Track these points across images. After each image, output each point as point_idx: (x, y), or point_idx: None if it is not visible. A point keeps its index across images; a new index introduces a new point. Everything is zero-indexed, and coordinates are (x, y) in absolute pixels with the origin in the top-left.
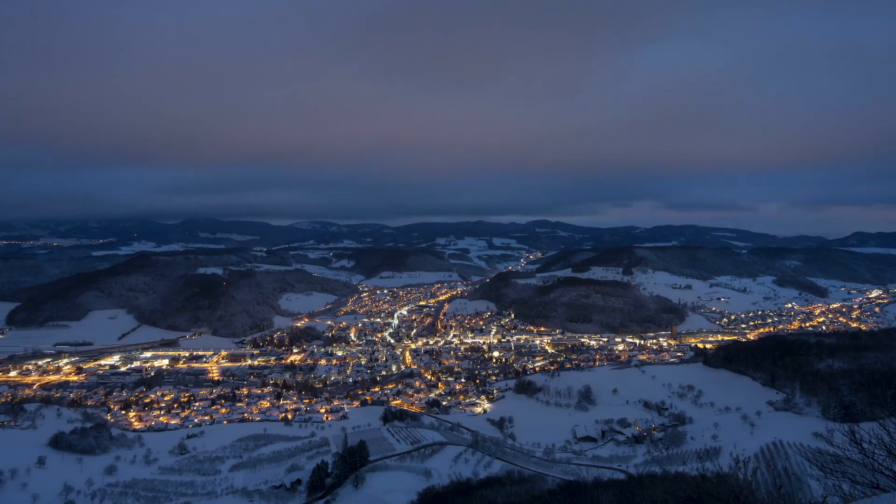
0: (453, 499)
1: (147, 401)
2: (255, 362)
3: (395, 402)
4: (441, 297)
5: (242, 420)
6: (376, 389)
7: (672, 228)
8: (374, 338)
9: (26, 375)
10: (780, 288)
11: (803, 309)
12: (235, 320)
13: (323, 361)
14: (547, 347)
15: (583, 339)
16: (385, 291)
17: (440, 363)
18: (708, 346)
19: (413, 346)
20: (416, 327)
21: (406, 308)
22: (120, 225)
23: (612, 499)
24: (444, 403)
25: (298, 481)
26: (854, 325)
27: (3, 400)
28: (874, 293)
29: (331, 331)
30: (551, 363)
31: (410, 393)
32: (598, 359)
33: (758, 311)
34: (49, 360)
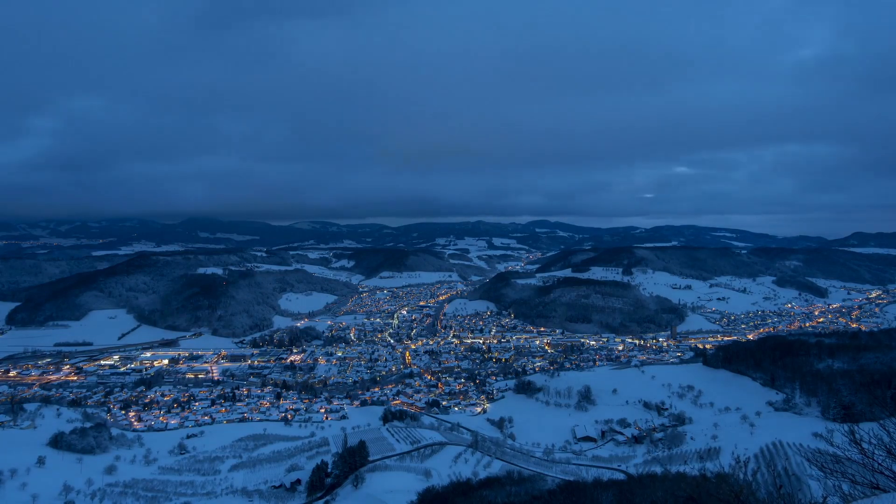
0: (453, 499)
1: (147, 401)
2: (255, 362)
3: (395, 402)
4: (441, 298)
5: (242, 420)
6: (376, 389)
7: (672, 228)
8: (374, 338)
9: (26, 375)
10: (779, 288)
11: (803, 309)
12: (235, 320)
13: (323, 361)
14: (547, 347)
15: (582, 340)
16: (385, 291)
17: (440, 363)
18: (708, 346)
19: (413, 347)
20: (416, 327)
21: (406, 308)
22: (120, 225)
23: (612, 499)
24: (443, 403)
25: (298, 481)
26: (854, 325)
27: (3, 400)
28: (874, 293)
29: (331, 331)
30: (551, 363)
31: (410, 393)
32: (597, 359)
33: (758, 311)
34: (49, 360)
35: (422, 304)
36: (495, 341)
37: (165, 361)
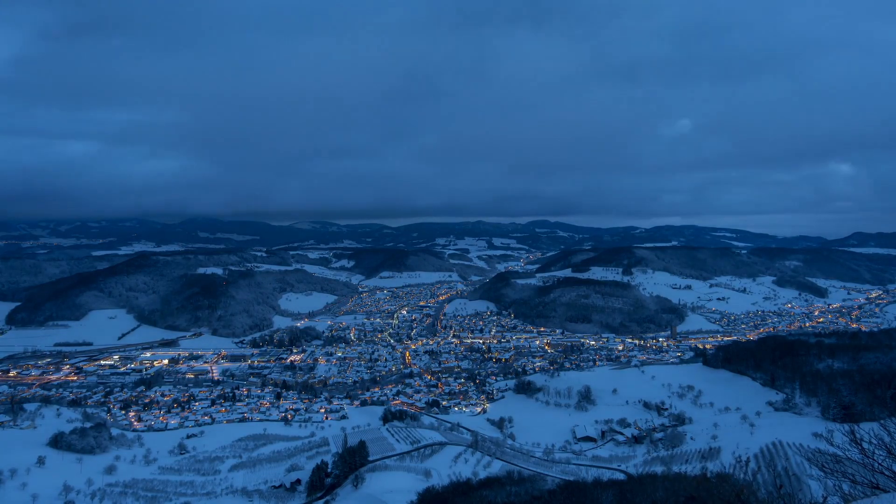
0: (453, 499)
1: (147, 401)
2: (255, 362)
3: (395, 402)
4: (441, 298)
5: (242, 420)
6: (376, 389)
7: (672, 228)
8: (374, 338)
9: (26, 375)
10: (779, 288)
11: (803, 309)
12: (235, 320)
13: (323, 361)
14: (547, 347)
15: (582, 340)
16: (385, 291)
17: (440, 363)
18: (708, 346)
19: (413, 347)
20: (416, 327)
21: (406, 308)
22: (120, 225)
23: (613, 499)
24: (443, 403)
25: (298, 481)
26: (854, 325)
27: (3, 400)
28: (874, 293)
29: (331, 331)
30: (551, 363)
31: (410, 393)
32: (597, 359)
33: (757, 311)
34: (49, 360)
35: (422, 304)
36: (495, 341)
37: (165, 361)
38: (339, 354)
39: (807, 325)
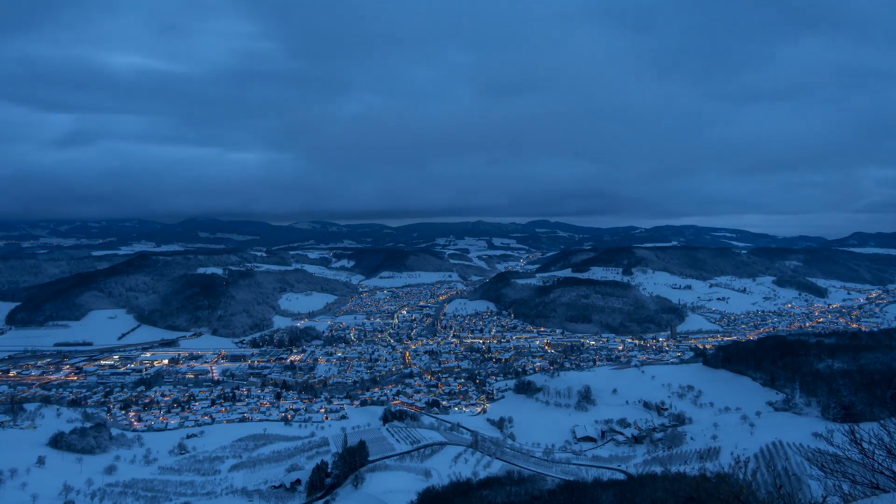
0: (453, 499)
1: (147, 401)
2: (255, 362)
3: (395, 402)
4: (441, 298)
5: (242, 420)
6: (376, 389)
7: (672, 228)
8: (374, 338)
9: (26, 375)
10: (779, 288)
11: (803, 309)
12: (235, 320)
13: (323, 361)
14: (547, 347)
15: (582, 340)
16: (385, 291)
17: (440, 363)
18: (708, 346)
19: (413, 347)
20: (416, 327)
21: (406, 308)
22: (120, 225)
23: (612, 499)
24: (443, 403)
25: (298, 481)
26: (854, 325)
27: (3, 400)
28: (874, 293)
29: (331, 331)
30: (551, 363)
31: (410, 393)
32: (597, 359)
33: (758, 311)
34: (49, 360)
35: (422, 304)
36: (495, 341)
37: (165, 361)
38: (339, 354)
39: (807, 325)
